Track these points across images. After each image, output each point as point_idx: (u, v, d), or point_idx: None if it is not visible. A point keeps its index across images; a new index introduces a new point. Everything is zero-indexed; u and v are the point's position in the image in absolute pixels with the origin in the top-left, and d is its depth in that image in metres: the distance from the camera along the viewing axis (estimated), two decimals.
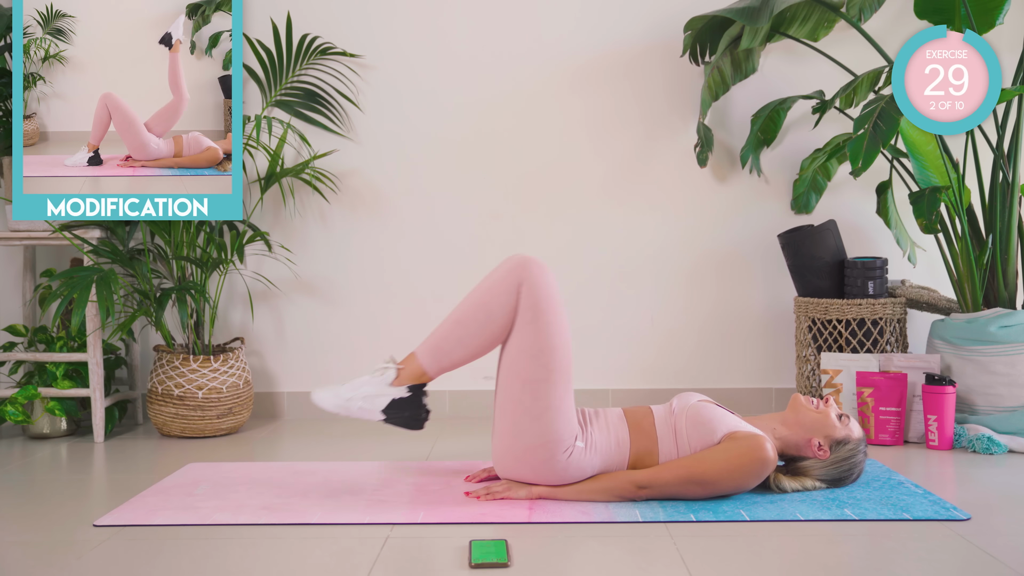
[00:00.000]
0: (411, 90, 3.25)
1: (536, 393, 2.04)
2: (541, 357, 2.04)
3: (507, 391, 2.08)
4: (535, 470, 2.08)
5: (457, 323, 2.10)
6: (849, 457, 2.13)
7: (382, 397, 2.10)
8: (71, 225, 2.92)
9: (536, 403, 2.04)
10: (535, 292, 2.05)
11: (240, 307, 3.29)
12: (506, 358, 2.09)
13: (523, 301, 2.05)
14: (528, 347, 2.04)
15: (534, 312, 2.04)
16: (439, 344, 2.11)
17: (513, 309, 2.06)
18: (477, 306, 2.08)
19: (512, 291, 2.05)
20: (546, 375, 2.04)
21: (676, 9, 3.17)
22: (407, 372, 2.12)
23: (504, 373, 2.09)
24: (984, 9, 2.70)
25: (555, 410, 2.04)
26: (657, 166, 3.25)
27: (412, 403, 2.12)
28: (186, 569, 1.71)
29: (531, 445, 2.05)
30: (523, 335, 2.05)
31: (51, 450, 2.77)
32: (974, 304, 2.77)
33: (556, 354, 2.04)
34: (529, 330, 2.05)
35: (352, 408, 2.11)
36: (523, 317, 2.05)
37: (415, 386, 2.11)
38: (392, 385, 2.11)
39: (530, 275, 2.05)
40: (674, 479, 2.03)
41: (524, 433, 2.05)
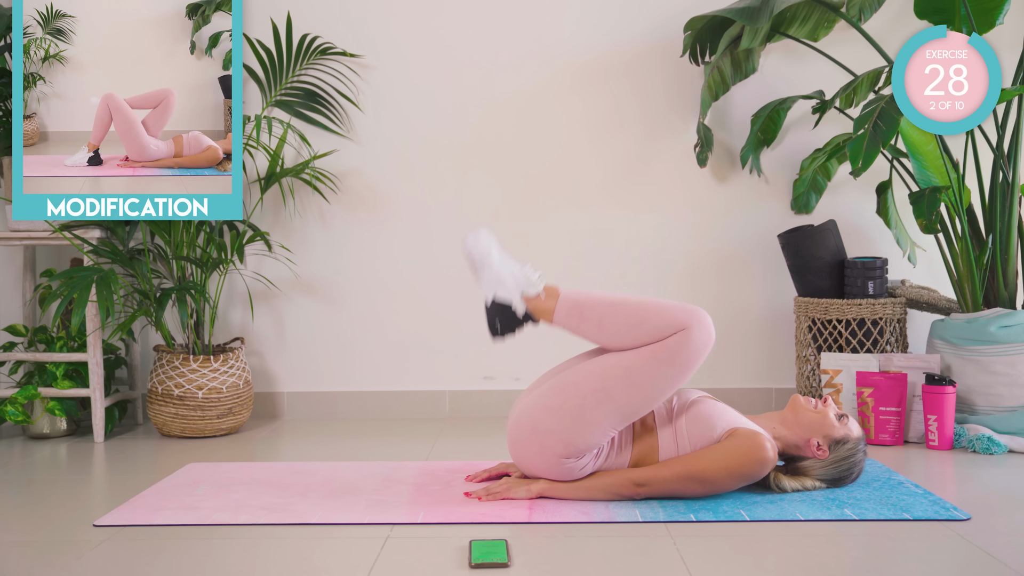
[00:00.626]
0: (411, 90, 3.25)
1: (602, 405, 2.02)
2: (635, 389, 2.02)
3: (582, 380, 2.05)
4: (541, 452, 2.07)
5: (613, 306, 2.06)
6: (848, 457, 2.13)
7: (507, 292, 2.09)
8: (71, 225, 2.92)
9: (593, 412, 2.02)
10: (686, 346, 2.01)
11: (240, 307, 3.29)
12: (610, 359, 2.06)
13: (671, 342, 2.01)
14: (636, 374, 2.02)
15: (671, 357, 2.01)
16: (583, 307, 2.08)
17: (660, 340, 2.02)
18: (640, 309, 2.05)
19: (672, 327, 2.01)
20: (624, 402, 2.02)
21: (676, 9, 3.17)
22: (540, 303, 2.10)
23: (594, 365, 2.06)
24: (984, 9, 2.70)
25: (599, 427, 2.03)
26: (657, 166, 3.25)
27: (514, 321, 2.11)
28: (186, 569, 1.71)
29: (557, 434, 2.04)
30: (643, 362, 2.02)
31: (51, 450, 2.77)
32: (974, 304, 2.77)
33: (645, 399, 2.03)
34: (652, 365, 2.01)
35: (487, 269, 2.10)
36: (659, 352, 2.01)
37: (529, 315, 2.11)
38: (523, 296, 2.10)
39: (696, 331, 2.01)
40: (673, 477, 2.03)
41: (560, 421, 2.04)
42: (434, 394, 3.27)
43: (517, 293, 2.10)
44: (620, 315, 2.05)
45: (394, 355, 3.28)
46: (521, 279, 2.11)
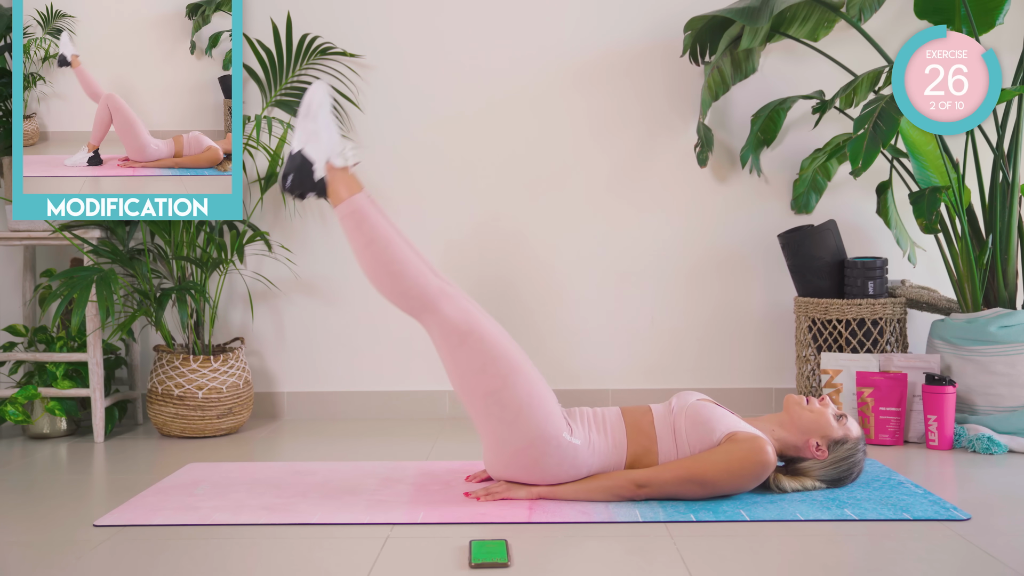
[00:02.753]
0: (411, 90, 3.25)
1: (501, 401, 2.04)
2: (488, 369, 2.04)
3: (475, 410, 2.08)
4: (529, 471, 2.07)
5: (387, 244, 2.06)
6: (848, 457, 2.12)
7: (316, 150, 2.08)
8: (71, 225, 2.92)
9: (506, 410, 2.04)
10: (449, 321, 2.06)
11: (240, 307, 3.29)
12: (458, 385, 2.09)
13: (442, 323, 2.06)
14: (470, 366, 2.05)
15: (459, 335, 2.05)
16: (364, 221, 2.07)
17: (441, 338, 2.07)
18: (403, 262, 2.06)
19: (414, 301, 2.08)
20: (502, 383, 2.04)
21: (676, 9, 3.17)
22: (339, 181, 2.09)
23: (464, 398, 2.09)
24: (984, 9, 2.70)
25: (528, 408, 2.04)
26: (658, 166, 3.25)
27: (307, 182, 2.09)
28: (186, 569, 1.71)
29: (518, 449, 2.05)
30: (459, 358, 2.05)
31: (51, 450, 2.77)
32: (974, 304, 2.77)
33: (500, 361, 2.04)
34: (462, 351, 2.05)
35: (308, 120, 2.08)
36: (450, 343, 2.06)
37: (323, 183, 2.09)
38: (327, 162, 2.09)
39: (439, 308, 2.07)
40: (673, 479, 2.03)
41: (507, 441, 2.05)
42: (434, 394, 3.27)
43: (324, 156, 2.09)
44: (387, 254, 2.07)
45: (394, 355, 3.28)
46: (336, 148, 2.10)
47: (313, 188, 2.11)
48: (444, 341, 2.07)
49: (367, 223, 2.08)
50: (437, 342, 2.10)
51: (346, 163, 2.11)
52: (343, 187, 2.09)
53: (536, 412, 2.04)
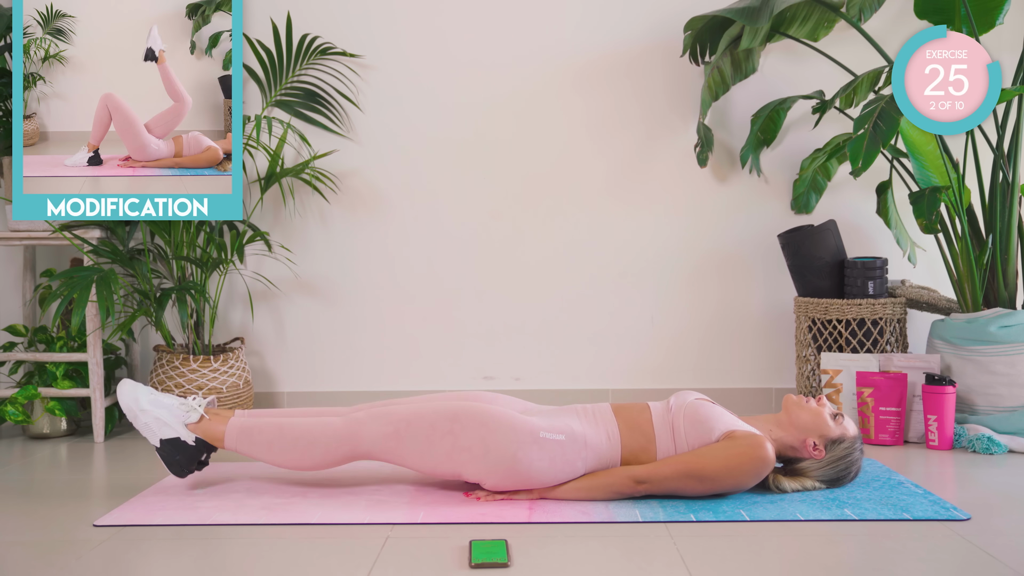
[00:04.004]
0: (411, 90, 3.25)
1: (464, 446, 2.04)
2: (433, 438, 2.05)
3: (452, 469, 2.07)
4: (528, 482, 2.07)
5: (280, 429, 2.11)
6: (845, 456, 2.13)
7: (170, 429, 2.12)
8: (71, 225, 2.92)
9: (473, 449, 2.04)
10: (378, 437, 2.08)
11: (240, 307, 3.29)
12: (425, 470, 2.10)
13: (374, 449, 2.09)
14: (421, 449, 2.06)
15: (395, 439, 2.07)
16: (252, 431, 2.12)
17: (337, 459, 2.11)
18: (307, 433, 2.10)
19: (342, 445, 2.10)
20: (452, 437, 2.04)
21: (676, 9, 3.17)
22: (208, 426, 2.14)
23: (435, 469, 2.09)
24: (984, 9, 2.70)
25: (490, 433, 2.03)
26: (657, 166, 3.25)
27: (189, 454, 2.13)
28: (186, 569, 1.71)
29: (507, 469, 2.05)
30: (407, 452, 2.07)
31: (51, 450, 2.77)
32: (974, 304, 2.77)
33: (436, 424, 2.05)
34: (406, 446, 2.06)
35: (139, 420, 2.12)
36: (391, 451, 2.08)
37: (202, 442, 2.14)
38: (187, 425, 2.13)
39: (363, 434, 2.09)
40: (673, 474, 2.03)
41: (493, 469, 2.05)
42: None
43: (180, 424, 2.13)
44: (289, 438, 2.10)
45: (394, 355, 3.28)
46: (179, 410, 2.13)
47: (202, 451, 2.15)
48: (388, 455, 2.09)
49: (256, 431, 2.12)
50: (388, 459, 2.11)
51: (200, 413, 2.14)
52: (215, 428, 2.13)
53: (499, 431, 2.04)
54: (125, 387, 2.15)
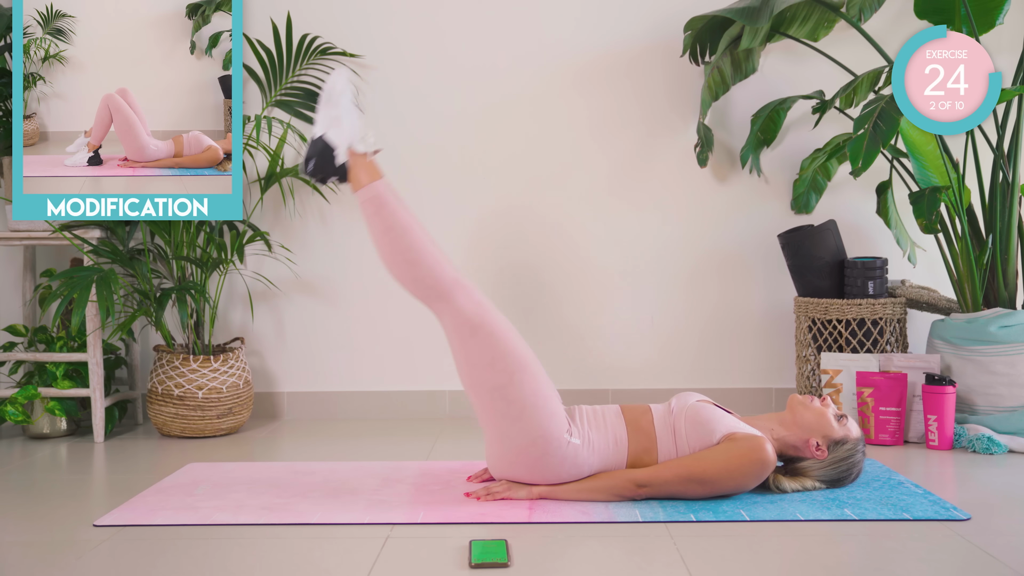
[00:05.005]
0: (411, 90, 3.25)
1: (507, 397, 2.04)
2: (496, 364, 2.04)
3: (480, 404, 2.09)
4: (531, 470, 2.08)
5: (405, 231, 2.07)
6: (847, 457, 2.12)
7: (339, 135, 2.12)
8: (71, 225, 2.92)
9: (511, 406, 2.04)
10: (464, 311, 2.06)
11: (240, 307, 3.29)
12: (466, 377, 2.10)
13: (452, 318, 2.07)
14: (479, 359, 2.05)
15: (471, 327, 2.05)
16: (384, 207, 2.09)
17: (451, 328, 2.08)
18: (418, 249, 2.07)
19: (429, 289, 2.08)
20: (508, 378, 2.04)
21: (676, 9, 3.17)
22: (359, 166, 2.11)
23: (471, 391, 2.10)
24: (984, 9, 2.70)
25: (532, 407, 2.04)
26: (658, 166, 3.25)
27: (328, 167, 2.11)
28: (186, 569, 1.71)
29: (521, 446, 2.05)
30: (470, 350, 2.06)
31: (51, 450, 2.77)
32: (974, 304, 2.77)
33: (509, 357, 2.05)
34: (473, 344, 2.06)
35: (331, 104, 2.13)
36: (462, 334, 2.06)
37: (344, 167, 2.12)
38: (349, 148, 2.12)
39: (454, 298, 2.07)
40: (674, 477, 2.03)
41: (510, 437, 2.05)
42: (434, 394, 3.27)
43: (347, 142, 2.12)
44: (404, 241, 2.08)
45: (394, 355, 3.28)
46: (358, 134, 2.13)
47: (335, 173, 2.13)
48: (455, 332, 2.08)
49: (386, 209, 2.09)
50: (448, 332, 2.10)
51: (367, 149, 2.14)
52: (364, 173, 2.11)
53: (540, 411, 2.04)
54: (343, 73, 2.15)
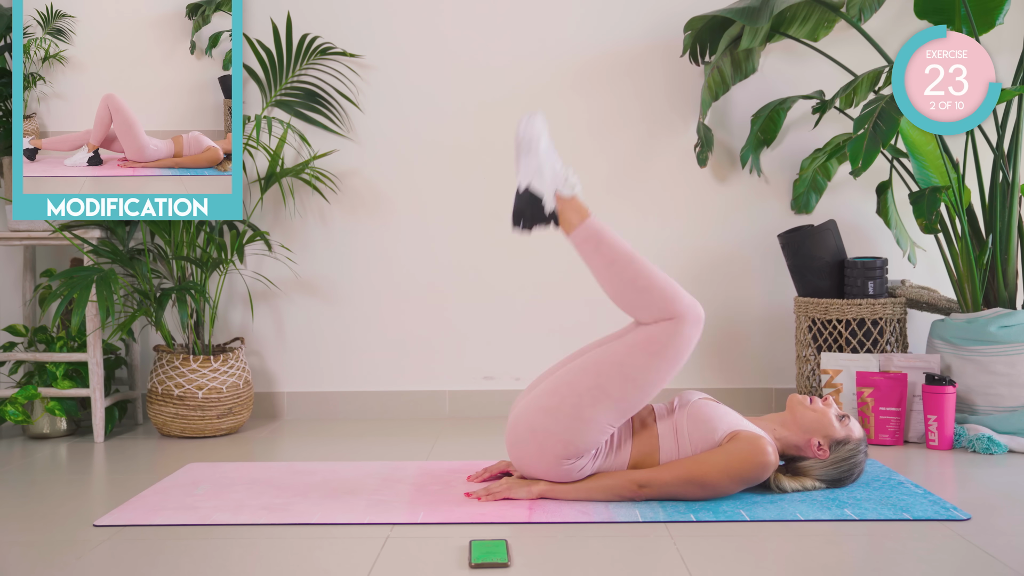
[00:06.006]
0: (411, 90, 3.25)
1: (597, 402, 2.02)
2: (629, 383, 2.02)
3: (576, 379, 2.05)
4: (542, 456, 2.06)
5: (630, 259, 2.06)
6: (849, 457, 2.12)
7: (544, 183, 2.10)
8: (71, 225, 2.92)
9: (589, 409, 2.02)
10: (674, 335, 2.02)
11: (240, 307, 3.29)
12: (600, 355, 2.06)
13: (660, 329, 2.02)
14: (628, 366, 2.02)
15: (661, 347, 2.01)
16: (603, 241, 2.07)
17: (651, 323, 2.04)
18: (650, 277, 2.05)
19: (669, 312, 2.02)
20: (619, 397, 2.02)
21: (676, 9, 3.17)
22: (569, 209, 2.09)
23: (587, 362, 2.06)
24: (984, 9, 2.70)
25: (597, 425, 2.02)
26: (658, 166, 3.25)
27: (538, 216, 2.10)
28: (186, 569, 1.71)
29: (556, 436, 2.03)
30: (634, 353, 2.03)
31: (51, 450, 2.77)
32: (974, 304, 2.77)
33: (641, 391, 2.02)
34: (643, 355, 2.02)
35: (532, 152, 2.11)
36: (650, 338, 2.02)
37: (554, 214, 2.10)
38: (556, 194, 2.10)
39: (685, 321, 2.02)
40: (674, 480, 2.03)
41: (558, 422, 2.03)
42: (434, 394, 3.27)
43: (552, 189, 2.10)
44: (631, 270, 2.06)
45: (394, 355, 3.28)
46: (560, 177, 2.10)
47: (545, 221, 2.12)
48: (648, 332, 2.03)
49: (605, 244, 2.08)
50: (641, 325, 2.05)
51: (573, 191, 2.11)
52: (574, 214, 2.10)
53: (595, 430, 2.03)
54: (537, 119, 2.13)
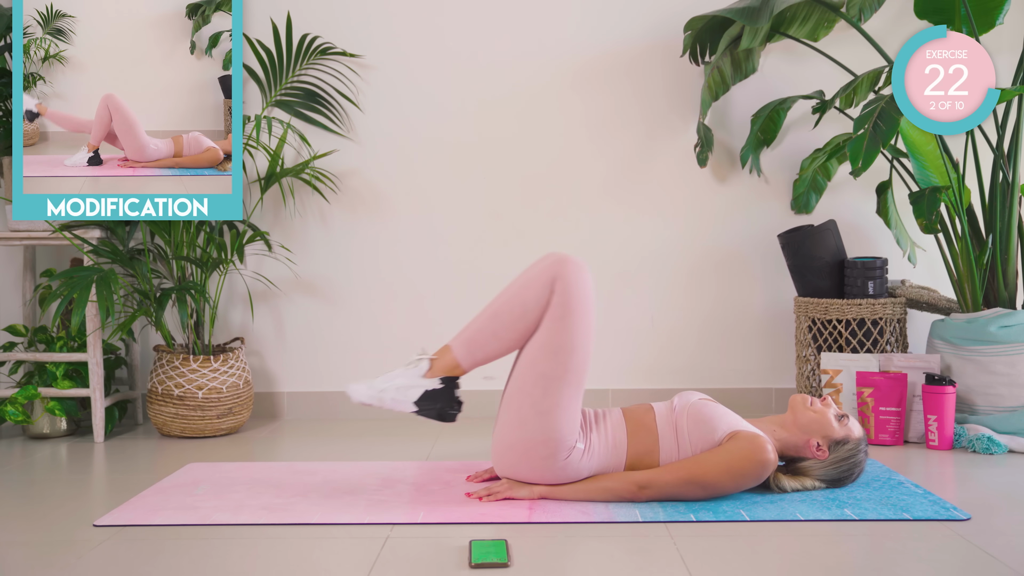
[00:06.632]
0: (411, 90, 3.25)
1: (548, 389, 2.04)
2: (560, 354, 2.04)
3: (520, 382, 2.08)
4: (533, 467, 2.08)
5: (492, 316, 2.10)
6: (848, 457, 2.12)
7: (415, 388, 2.11)
8: (71, 225, 2.92)
9: (545, 399, 2.04)
10: (568, 290, 2.04)
11: (240, 307, 3.29)
12: (527, 350, 2.09)
13: (555, 297, 2.05)
14: (550, 343, 2.04)
15: (564, 309, 2.04)
16: (474, 336, 2.11)
17: (546, 303, 2.06)
18: (513, 299, 2.08)
19: (547, 286, 2.05)
20: (562, 373, 2.04)
21: (676, 9, 3.17)
22: (440, 364, 2.12)
23: (521, 364, 2.09)
24: (984, 9, 2.70)
25: (562, 409, 2.04)
26: (657, 166, 3.25)
27: (444, 395, 2.11)
28: (186, 569, 1.71)
29: (533, 441, 2.05)
30: (548, 330, 2.05)
31: (51, 450, 2.77)
32: (974, 304, 2.77)
33: (576, 355, 2.04)
34: (556, 326, 2.04)
35: (385, 399, 2.11)
36: (552, 313, 2.05)
37: (448, 378, 2.11)
38: (425, 377, 2.11)
39: (566, 272, 2.05)
40: (674, 480, 2.03)
41: (528, 427, 2.05)
42: None
43: (417, 379, 2.13)
44: (504, 316, 2.09)
45: (395, 355, 3.26)
46: (409, 371, 2.14)
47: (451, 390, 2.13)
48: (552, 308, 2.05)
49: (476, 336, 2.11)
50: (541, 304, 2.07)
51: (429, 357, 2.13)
52: (447, 361, 2.13)
53: (565, 414, 2.04)
54: (355, 388, 2.15)
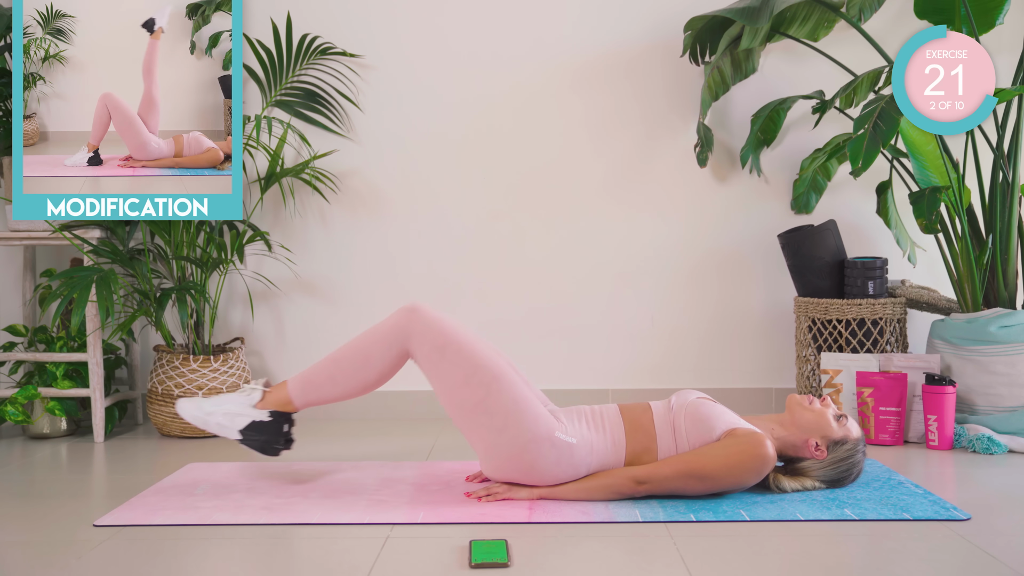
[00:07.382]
0: (411, 90, 3.25)
1: (489, 410, 2.05)
2: (471, 380, 2.05)
3: (465, 424, 2.09)
4: (527, 474, 2.08)
5: (334, 361, 2.15)
6: (847, 457, 2.12)
7: (242, 417, 2.15)
8: (71, 225, 2.92)
9: (494, 418, 2.05)
10: (427, 335, 2.08)
11: (240, 307, 3.29)
12: (443, 399, 2.11)
13: (420, 349, 2.08)
14: (453, 379, 2.06)
15: (438, 351, 2.07)
16: (311, 377, 2.16)
17: (392, 361, 2.11)
18: (357, 350, 2.13)
19: (393, 345, 2.10)
20: (486, 391, 2.05)
21: (676, 9, 3.17)
22: (273, 397, 2.17)
23: (454, 413, 2.11)
24: (984, 9, 2.70)
25: (515, 413, 2.05)
26: (657, 166, 3.25)
27: (271, 428, 2.16)
28: (186, 569, 1.71)
29: (512, 454, 2.06)
30: (442, 373, 2.07)
31: (51, 450, 2.77)
32: (974, 304, 2.77)
33: (481, 370, 2.06)
34: (444, 366, 2.07)
35: (211, 423, 2.15)
36: (430, 359, 2.08)
37: (277, 413, 2.15)
38: (255, 407, 2.15)
39: (413, 326, 2.09)
40: (673, 474, 2.03)
41: (500, 447, 2.06)
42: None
43: (247, 407, 2.15)
44: (345, 364, 2.13)
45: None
46: (240, 398, 2.17)
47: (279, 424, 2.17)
48: (426, 360, 2.09)
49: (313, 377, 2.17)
50: (423, 367, 2.12)
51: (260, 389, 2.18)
52: (279, 395, 2.17)
53: (524, 416, 2.05)
54: (183, 404, 2.18)
